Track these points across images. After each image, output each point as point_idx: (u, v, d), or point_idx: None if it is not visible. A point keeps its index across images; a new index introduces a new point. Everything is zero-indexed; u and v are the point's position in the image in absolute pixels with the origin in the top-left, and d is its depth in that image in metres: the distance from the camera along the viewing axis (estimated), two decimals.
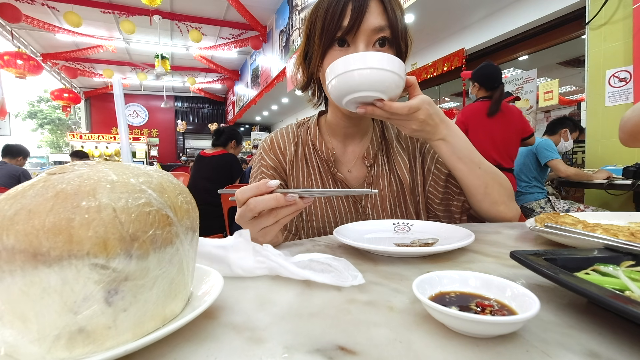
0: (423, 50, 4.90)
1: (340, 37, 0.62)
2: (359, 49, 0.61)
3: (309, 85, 0.77)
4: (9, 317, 0.21)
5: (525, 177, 2.51)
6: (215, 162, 2.61)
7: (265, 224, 0.47)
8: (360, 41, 0.62)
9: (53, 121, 21.06)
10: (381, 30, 0.61)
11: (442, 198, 0.76)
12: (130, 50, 7.42)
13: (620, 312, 0.23)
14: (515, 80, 3.81)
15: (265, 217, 0.47)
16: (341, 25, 0.61)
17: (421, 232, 0.59)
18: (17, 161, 3.51)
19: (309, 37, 0.69)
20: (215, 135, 2.75)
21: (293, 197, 0.45)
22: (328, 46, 0.63)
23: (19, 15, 4.82)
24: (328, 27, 0.62)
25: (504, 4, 3.70)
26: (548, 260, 0.33)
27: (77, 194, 0.22)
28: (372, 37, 0.62)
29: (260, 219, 0.47)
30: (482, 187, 0.65)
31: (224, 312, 0.31)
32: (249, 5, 5.40)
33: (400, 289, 0.35)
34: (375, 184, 0.77)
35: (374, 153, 0.78)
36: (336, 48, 0.63)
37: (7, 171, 3.19)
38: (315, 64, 0.67)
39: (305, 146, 0.79)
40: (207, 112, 11.82)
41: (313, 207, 0.76)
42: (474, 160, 0.64)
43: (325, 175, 0.77)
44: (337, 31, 0.61)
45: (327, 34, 0.62)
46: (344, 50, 0.63)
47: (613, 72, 2.55)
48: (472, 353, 0.23)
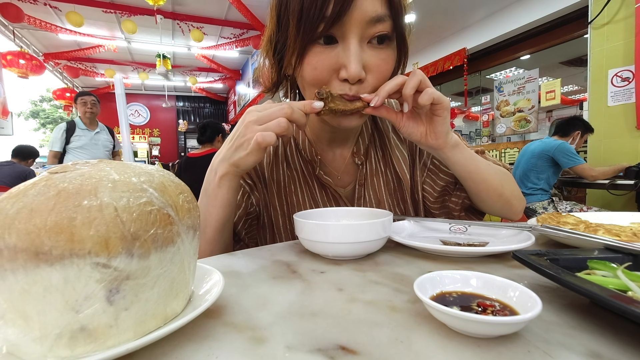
0: (424, 49, 4.90)
1: (322, 33, 0.46)
2: (351, 49, 0.46)
3: (279, 85, 0.60)
4: (11, 316, 0.21)
5: (534, 178, 2.47)
6: (206, 162, 2.56)
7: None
8: (351, 35, 0.46)
9: (55, 121, 21.10)
10: (379, 21, 0.46)
11: (437, 196, 0.68)
12: (131, 50, 7.43)
13: (623, 312, 0.23)
14: (517, 79, 3.80)
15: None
16: (324, 13, 0.45)
17: (478, 235, 0.57)
18: (27, 163, 3.51)
19: (279, 21, 0.51)
20: (200, 131, 2.70)
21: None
22: (308, 42, 0.48)
23: (21, 15, 4.83)
24: (307, 15, 0.46)
25: (506, 3, 3.69)
26: (550, 260, 0.33)
27: (79, 193, 0.22)
28: (367, 31, 0.47)
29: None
30: (499, 187, 0.58)
31: (225, 311, 0.31)
32: (251, 5, 5.39)
33: (402, 289, 0.35)
34: (368, 184, 0.67)
35: (365, 147, 0.67)
36: (320, 45, 0.48)
37: (14, 171, 3.19)
38: (291, 62, 0.51)
39: (286, 146, 0.67)
40: (209, 112, 11.83)
41: (296, 207, 0.66)
42: (484, 161, 0.58)
43: (310, 179, 0.66)
44: (319, 22, 0.45)
45: (306, 25, 0.46)
46: (331, 49, 0.48)
47: (615, 71, 2.54)
48: (473, 353, 0.23)
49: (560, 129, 2.59)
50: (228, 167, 0.48)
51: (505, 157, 3.61)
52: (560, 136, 2.56)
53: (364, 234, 0.43)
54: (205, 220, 0.52)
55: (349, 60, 0.46)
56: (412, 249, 0.50)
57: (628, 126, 2.47)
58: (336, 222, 0.46)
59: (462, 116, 7.25)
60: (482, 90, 5.72)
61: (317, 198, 0.67)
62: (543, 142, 2.49)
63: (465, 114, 7.20)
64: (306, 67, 0.50)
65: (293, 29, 0.48)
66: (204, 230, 0.52)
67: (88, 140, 3.08)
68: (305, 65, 0.50)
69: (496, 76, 6.00)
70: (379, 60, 0.49)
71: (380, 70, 0.50)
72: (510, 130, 3.88)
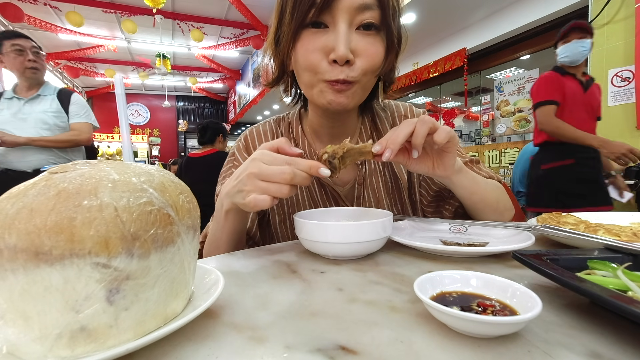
0: (424, 49, 4.89)
1: (313, 18, 0.51)
2: (339, 32, 0.50)
3: (281, 79, 0.63)
4: (11, 316, 0.21)
5: None
6: (207, 161, 2.52)
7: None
8: (341, 21, 0.50)
9: None
10: (367, 9, 0.50)
11: (431, 200, 0.71)
12: (131, 50, 7.43)
13: (623, 312, 0.23)
14: (517, 79, 3.80)
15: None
16: (315, 0, 0.49)
17: (478, 235, 0.57)
18: None
19: (281, 15, 0.56)
20: (200, 132, 2.64)
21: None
22: (299, 26, 0.52)
23: (20, 14, 4.83)
24: (300, 2, 0.51)
25: (506, 3, 3.69)
26: (550, 260, 0.33)
27: (79, 193, 0.22)
28: (355, 17, 0.50)
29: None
30: (494, 203, 0.61)
31: (225, 311, 0.31)
32: (251, 5, 5.39)
33: (402, 289, 0.35)
34: (367, 184, 0.68)
35: None
36: (310, 29, 0.52)
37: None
38: (287, 48, 0.55)
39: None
40: (209, 112, 11.82)
41: (296, 207, 0.67)
42: (482, 180, 0.60)
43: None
44: (310, 8, 0.50)
45: (299, 11, 0.51)
46: (321, 33, 0.51)
47: (615, 71, 2.54)
48: (473, 353, 0.23)
49: None
50: (231, 204, 0.49)
51: (505, 157, 3.61)
52: None
53: (364, 234, 0.43)
54: (217, 241, 0.55)
55: (337, 42, 0.50)
56: (412, 249, 0.50)
57: (628, 126, 2.47)
58: (336, 222, 0.46)
59: (462, 116, 7.25)
60: (482, 90, 5.72)
61: (317, 197, 0.68)
62: None
63: (465, 114, 7.20)
64: (299, 51, 0.54)
65: (288, 16, 0.53)
66: (216, 248, 0.56)
67: (10, 116, 1.77)
68: (298, 49, 0.54)
69: (496, 76, 6.00)
70: (367, 44, 0.52)
71: (368, 54, 0.52)
72: (510, 130, 3.88)
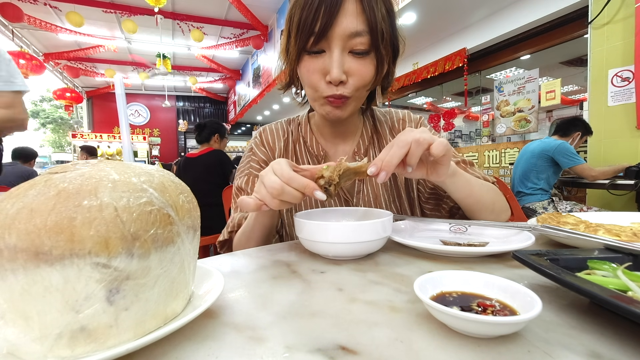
0: (424, 49, 4.89)
1: (311, 48, 0.57)
2: (334, 57, 0.56)
3: (292, 83, 0.71)
4: (11, 316, 0.21)
5: (534, 178, 2.46)
6: (203, 161, 2.54)
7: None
8: (335, 47, 0.56)
9: (55, 120, 21.12)
10: (358, 36, 0.55)
11: (428, 197, 0.75)
12: (132, 50, 7.43)
13: (623, 312, 0.23)
14: (517, 79, 3.80)
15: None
16: (313, 30, 0.55)
17: (478, 235, 0.57)
18: (30, 164, 3.53)
19: (288, 34, 0.63)
20: (197, 130, 2.66)
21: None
22: (302, 50, 0.59)
23: (20, 14, 4.83)
24: (302, 31, 0.57)
25: (506, 3, 3.68)
26: (550, 260, 0.33)
27: (79, 193, 0.22)
28: (347, 43, 0.56)
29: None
30: (490, 205, 0.63)
31: (225, 312, 0.31)
32: (251, 5, 5.39)
33: (402, 289, 0.35)
34: (367, 181, 0.74)
35: (365, 148, 0.75)
36: (312, 54, 0.59)
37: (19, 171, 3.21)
38: (293, 61, 0.62)
39: (295, 143, 0.77)
40: (209, 112, 11.82)
41: (298, 205, 0.71)
42: (477, 182, 0.62)
43: None
44: (309, 36, 0.56)
45: (301, 38, 0.57)
46: (320, 57, 0.58)
47: (616, 71, 2.54)
48: (473, 353, 0.23)
49: (561, 128, 2.57)
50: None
51: (505, 157, 3.61)
52: (561, 136, 2.54)
53: (364, 234, 0.43)
54: (249, 232, 0.60)
55: (332, 66, 0.57)
56: (412, 249, 0.50)
57: (628, 126, 2.46)
58: (336, 222, 0.46)
59: (462, 116, 7.25)
60: (482, 90, 5.72)
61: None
62: (543, 142, 2.48)
63: (465, 114, 7.20)
64: (302, 71, 0.62)
65: (293, 40, 0.60)
66: (247, 239, 0.61)
67: None
68: (301, 69, 0.62)
69: (496, 76, 6.00)
70: (358, 65, 0.58)
71: (360, 74, 0.59)
72: (510, 130, 3.88)
